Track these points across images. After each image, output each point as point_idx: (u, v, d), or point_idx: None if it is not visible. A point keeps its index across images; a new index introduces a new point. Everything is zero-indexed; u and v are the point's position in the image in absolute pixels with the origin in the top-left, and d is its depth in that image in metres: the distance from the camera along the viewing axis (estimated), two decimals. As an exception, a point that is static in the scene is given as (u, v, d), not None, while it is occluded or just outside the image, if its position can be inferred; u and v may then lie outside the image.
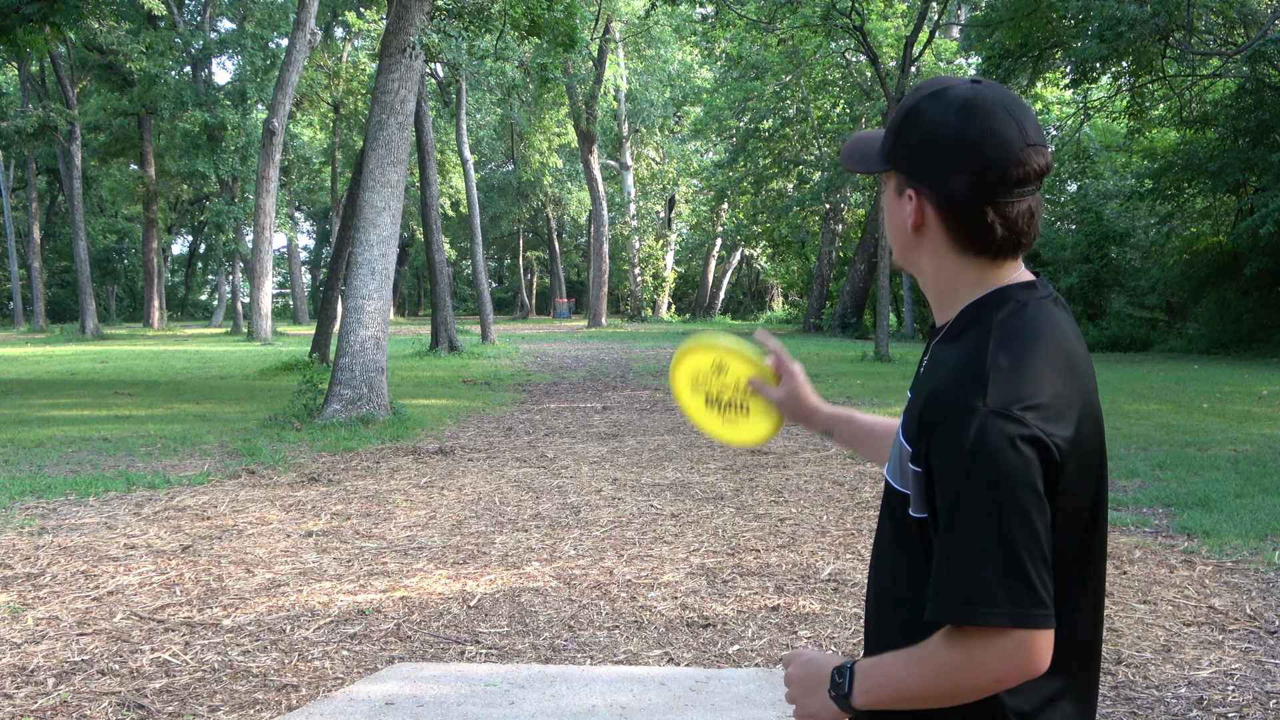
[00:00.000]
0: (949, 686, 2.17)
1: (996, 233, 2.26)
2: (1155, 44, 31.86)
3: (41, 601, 8.21)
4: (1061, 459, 2.14)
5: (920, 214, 2.33)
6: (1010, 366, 2.17)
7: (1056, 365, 2.22)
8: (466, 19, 22.57)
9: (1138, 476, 13.10)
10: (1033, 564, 2.07)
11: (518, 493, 12.55)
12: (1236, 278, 36.81)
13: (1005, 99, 2.27)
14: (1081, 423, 2.21)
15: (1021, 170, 2.22)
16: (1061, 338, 2.27)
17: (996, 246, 2.29)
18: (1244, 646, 7.11)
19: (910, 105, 2.35)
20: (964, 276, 2.34)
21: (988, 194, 2.23)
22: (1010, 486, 2.07)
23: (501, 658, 7.07)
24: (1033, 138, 2.24)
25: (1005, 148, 2.21)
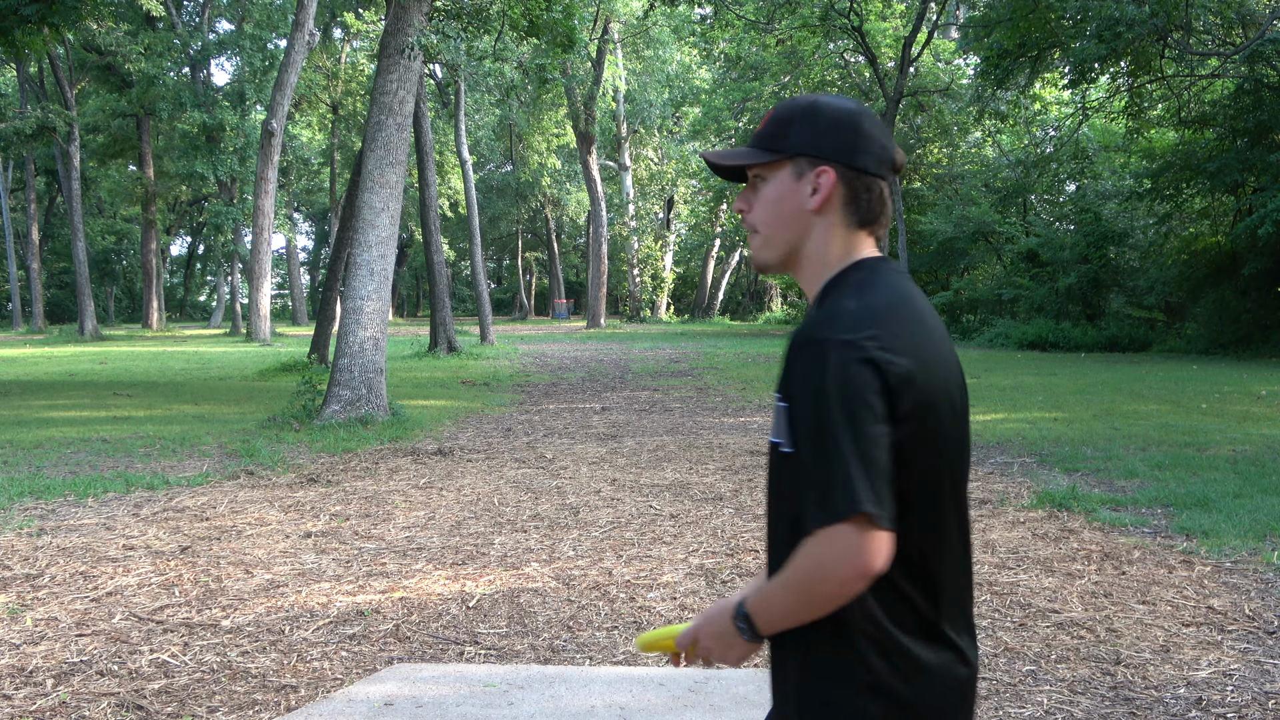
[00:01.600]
0: (807, 595, 2.45)
1: (876, 206, 2.72)
2: (1153, 44, 31.91)
3: (40, 602, 8.20)
4: (898, 385, 2.46)
5: (830, 186, 2.69)
6: (857, 308, 2.54)
7: (902, 315, 2.57)
8: (465, 20, 22.57)
9: (1136, 477, 13.09)
10: (867, 469, 2.37)
11: (517, 493, 12.54)
12: (1235, 278, 36.78)
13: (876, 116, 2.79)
14: (924, 368, 2.53)
15: (899, 158, 2.75)
16: (910, 298, 2.65)
17: (868, 218, 2.72)
18: (1243, 647, 7.10)
19: (808, 102, 2.79)
20: (838, 248, 2.73)
21: (883, 171, 2.71)
22: (848, 400, 2.40)
23: (500, 658, 7.06)
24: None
25: (889, 140, 2.73)
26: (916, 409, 2.49)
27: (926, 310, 2.67)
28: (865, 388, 2.42)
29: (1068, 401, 21.33)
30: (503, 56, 30.45)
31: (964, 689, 2.65)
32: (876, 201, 2.71)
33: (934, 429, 2.55)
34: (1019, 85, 37.77)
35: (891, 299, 2.59)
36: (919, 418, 2.50)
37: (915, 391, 2.49)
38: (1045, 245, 44.73)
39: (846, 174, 2.68)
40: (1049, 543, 9.87)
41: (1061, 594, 8.25)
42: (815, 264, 2.75)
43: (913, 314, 2.60)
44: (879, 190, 2.71)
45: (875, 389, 2.42)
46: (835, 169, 2.68)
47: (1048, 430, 17.30)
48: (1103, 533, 10.28)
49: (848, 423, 2.39)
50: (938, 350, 2.61)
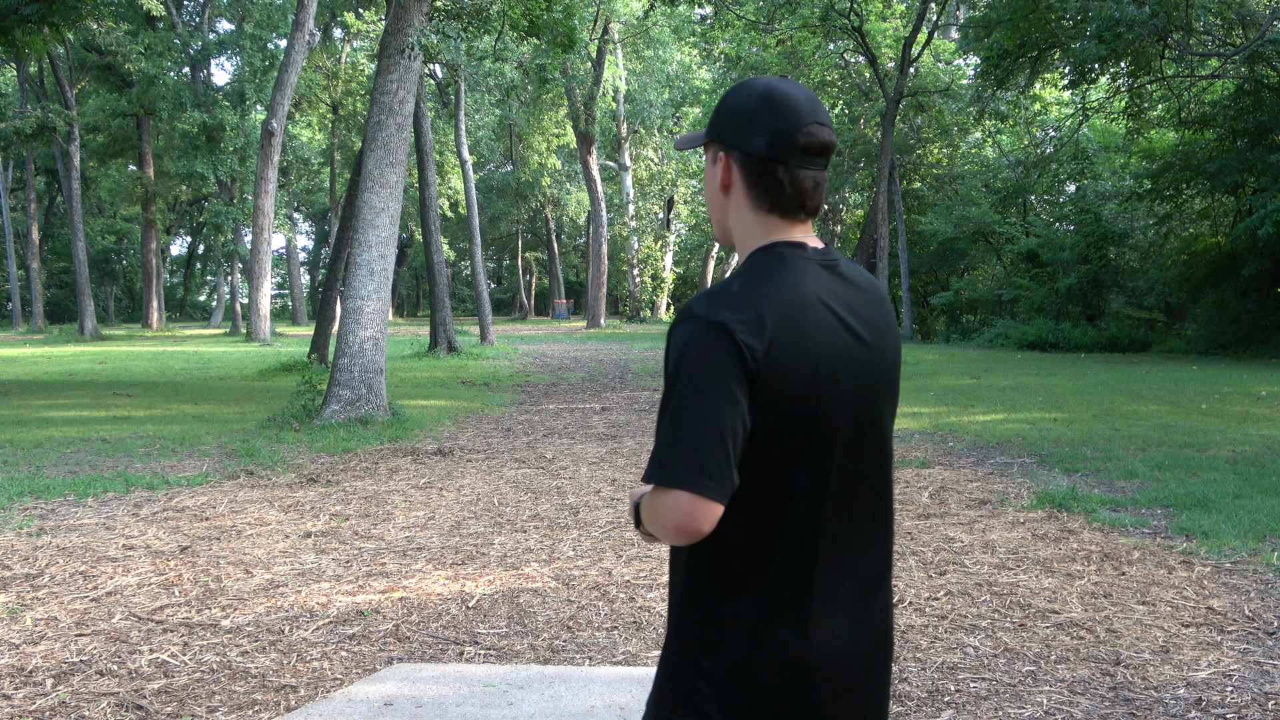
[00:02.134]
0: (654, 525, 2.62)
1: (785, 190, 2.74)
2: (1154, 45, 31.90)
3: (40, 602, 8.20)
4: (760, 371, 2.54)
5: (727, 173, 2.81)
6: (739, 290, 2.63)
7: (780, 301, 2.62)
8: (465, 20, 22.55)
9: (1136, 477, 13.08)
10: (708, 441, 2.49)
11: (516, 493, 12.56)
12: (1235, 278, 36.74)
13: (798, 89, 2.80)
14: (796, 357, 2.59)
15: (806, 139, 2.72)
16: (799, 286, 2.68)
17: (784, 204, 2.76)
18: (1243, 647, 7.10)
19: (731, 89, 2.88)
20: (755, 231, 2.80)
21: (780, 154, 2.72)
22: (699, 374, 2.52)
23: (500, 658, 7.06)
24: (820, 118, 2.75)
25: (795, 120, 2.72)
26: (779, 398, 2.58)
27: (814, 296, 2.69)
28: (722, 368, 2.52)
29: (1067, 402, 21.32)
30: (503, 56, 30.47)
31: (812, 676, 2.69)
32: (779, 187, 2.75)
33: (804, 418, 2.62)
34: (1019, 85, 37.77)
35: (782, 287, 2.66)
36: (784, 405, 2.59)
37: (780, 380, 2.57)
38: (1045, 246, 44.72)
39: (743, 159, 2.78)
40: (1049, 543, 9.86)
41: (1061, 594, 8.24)
42: (740, 243, 2.85)
43: (794, 300, 2.64)
44: (781, 176, 2.74)
45: (734, 371, 2.52)
46: (732, 155, 2.80)
47: (1047, 431, 17.29)
48: (1102, 533, 10.27)
49: (695, 396, 2.52)
50: (820, 341, 2.65)
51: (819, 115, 2.74)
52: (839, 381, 2.67)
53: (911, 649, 7.13)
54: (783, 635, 2.66)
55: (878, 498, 2.84)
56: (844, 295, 2.75)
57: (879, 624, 2.85)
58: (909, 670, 6.74)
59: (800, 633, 2.67)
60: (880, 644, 2.86)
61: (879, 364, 2.79)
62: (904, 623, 7.64)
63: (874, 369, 2.77)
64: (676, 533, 2.53)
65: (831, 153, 2.79)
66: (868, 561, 2.83)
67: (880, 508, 2.86)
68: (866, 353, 2.75)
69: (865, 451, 2.78)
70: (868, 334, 2.76)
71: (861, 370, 2.73)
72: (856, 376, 2.72)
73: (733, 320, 2.55)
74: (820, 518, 2.69)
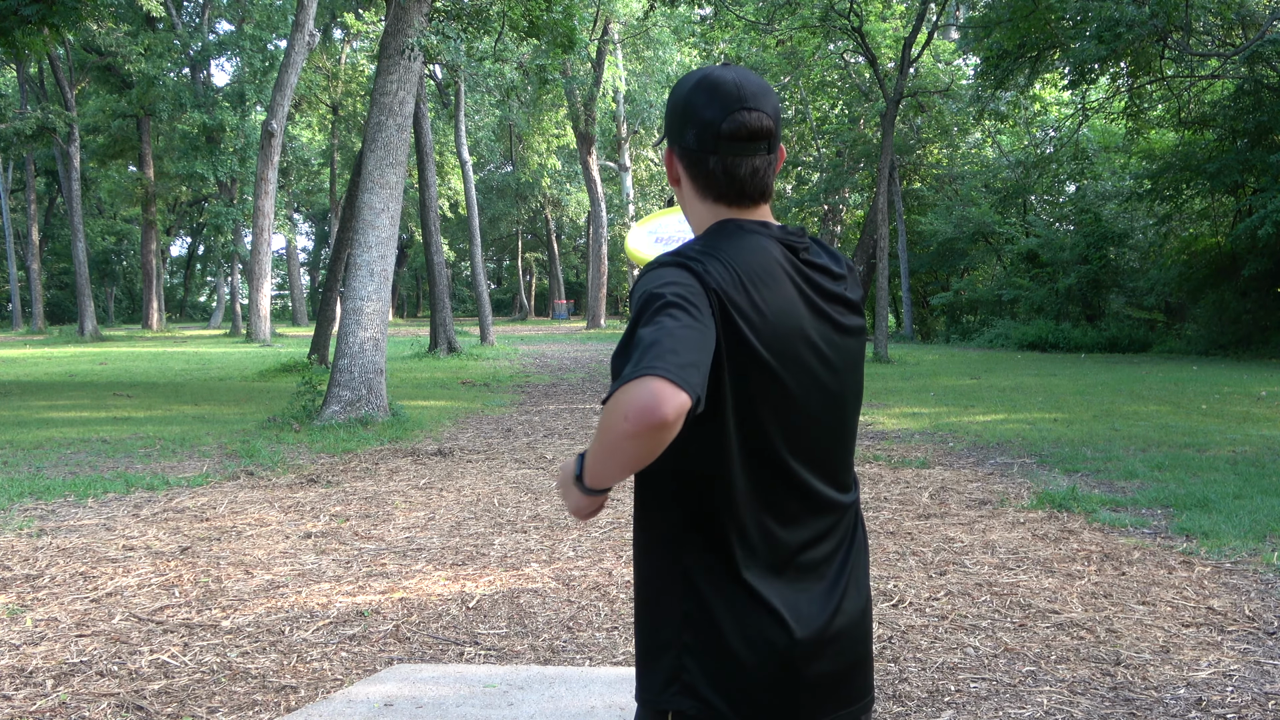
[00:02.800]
0: (609, 438, 2.42)
1: (719, 180, 2.75)
2: (1153, 45, 31.87)
3: (40, 603, 8.20)
4: (722, 303, 2.54)
5: (672, 167, 2.87)
6: (698, 247, 2.67)
7: (743, 256, 2.65)
8: (465, 20, 22.56)
9: (1136, 477, 13.09)
10: (671, 344, 2.37)
11: (517, 494, 12.55)
12: (1235, 279, 36.74)
13: (738, 75, 2.76)
14: (756, 302, 2.60)
15: (733, 125, 2.70)
16: (763, 248, 2.70)
17: (725, 193, 2.77)
18: (1243, 647, 7.09)
19: (674, 87, 2.88)
20: (705, 219, 2.82)
21: (708, 145, 2.73)
22: (665, 297, 2.47)
23: (500, 659, 7.05)
24: (749, 104, 2.72)
25: (722, 109, 2.71)
26: (742, 345, 2.57)
27: (787, 268, 2.72)
28: (688, 288, 2.51)
29: (1068, 402, 21.33)
30: (503, 57, 30.51)
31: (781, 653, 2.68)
32: (713, 177, 2.76)
33: (765, 373, 2.63)
34: (1019, 86, 37.71)
35: (743, 247, 2.69)
36: (746, 356, 2.58)
37: (746, 325, 2.57)
38: (1045, 246, 44.77)
39: (682, 153, 2.81)
40: (1049, 543, 9.86)
41: (1061, 594, 8.23)
42: (695, 232, 2.86)
43: (764, 263, 2.67)
44: (713, 166, 2.75)
45: (701, 300, 2.51)
46: (674, 149, 2.85)
47: (1048, 431, 17.30)
48: (1103, 533, 10.26)
49: (665, 310, 2.45)
50: (783, 300, 2.67)
51: (748, 101, 2.72)
52: (801, 346, 2.69)
53: (912, 649, 7.11)
54: (765, 601, 2.67)
55: (842, 468, 2.85)
56: (806, 269, 2.76)
57: (859, 589, 2.87)
58: (909, 670, 6.73)
59: (781, 598, 2.69)
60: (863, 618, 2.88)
61: (841, 340, 2.80)
62: (904, 623, 7.63)
63: (835, 343, 2.78)
64: (638, 419, 2.31)
65: (767, 136, 2.75)
66: (837, 529, 2.84)
67: (845, 478, 2.87)
68: (826, 327, 2.76)
69: (829, 422, 2.80)
70: (829, 308, 2.77)
71: (824, 342, 2.75)
72: (818, 345, 2.73)
73: (697, 262, 2.59)
74: (791, 483, 2.72)
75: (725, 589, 2.67)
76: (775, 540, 2.71)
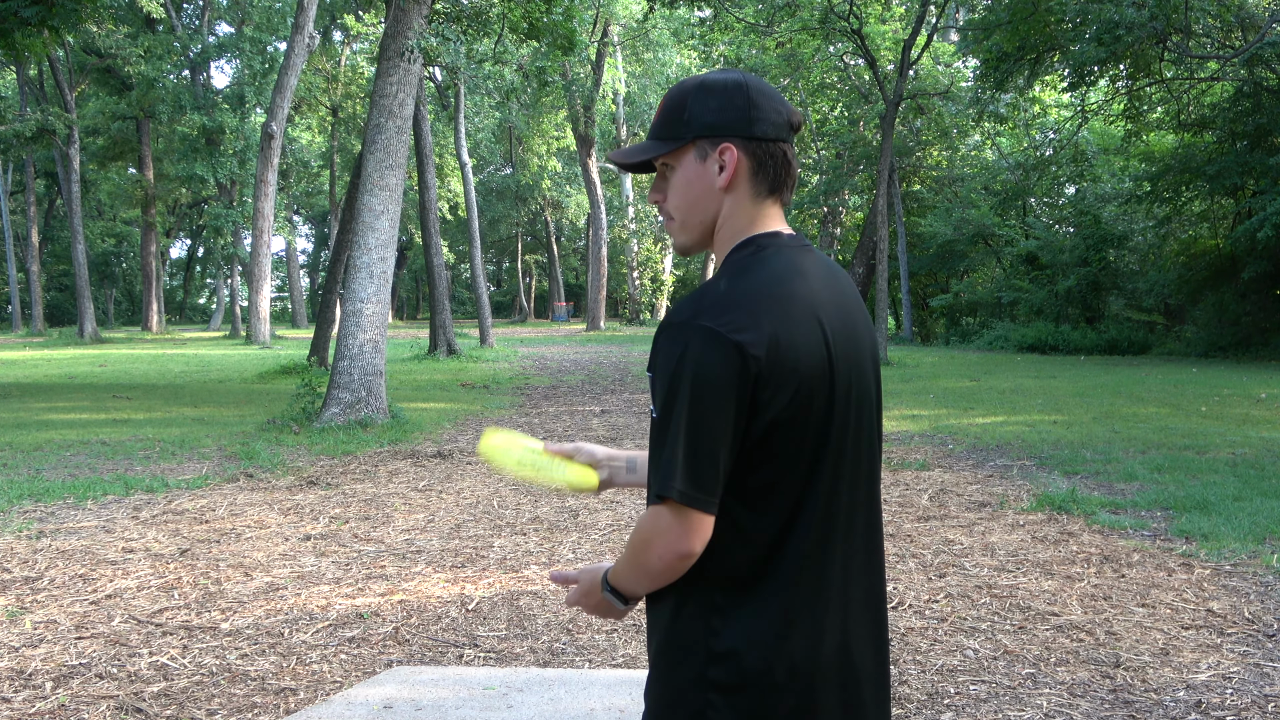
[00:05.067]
0: (641, 566, 2.66)
1: (782, 170, 2.78)
2: (1153, 47, 31.84)
3: (39, 605, 8.21)
4: (758, 369, 2.52)
5: (735, 161, 2.74)
6: (726, 290, 2.62)
7: (769, 293, 2.61)
8: (465, 23, 22.56)
9: (1136, 479, 13.10)
10: (695, 453, 2.50)
11: (516, 496, 12.54)
12: (1234, 281, 36.75)
13: (762, 79, 2.82)
14: (790, 351, 2.56)
15: (796, 118, 2.79)
16: (785, 274, 2.67)
17: (776, 184, 2.78)
18: (1242, 649, 7.10)
19: (695, 84, 2.82)
20: (747, 220, 2.78)
21: (782, 134, 2.76)
22: (695, 386, 2.50)
23: (500, 661, 7.07)
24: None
25: (782, 101, 2.77)
26: (781, 391, 2.56)
27: (801, 283, 2.70)
28: (716, 375, 2.51)
29: (1067, 404, 21.33)
30: (502, 59, 30.48)
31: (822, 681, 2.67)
32: (780, 166, 2.78)
33: (803, 410, 2.60)
34: (1018, 88, 37.70)
35: (762, 278, 2.66)
36: (786, 399, 2.57)
37: (781, 374, 2.56)
38: (1045, 248, 44.75)
39: (748, 145, 2.75)
40: (1048, 545, 9.87)
41: (1061, 597, 8.24)
42: (726, 236, 2.80)
43: (780, 289, 2.65)
44: (781, 154, 2.77)
45: (729, 377, 2.51)
46: (736, 143, 2.74)
47: (1047, 433, 17.31)
48: (1102, 535, 10.28)
49: (689, 408, 2.51)
50: (812, 330, 2.63)
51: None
52: (832, 372, 2.67)
53: (911, 651, 7.13)
54: (795, 641, 2.64)
55: (872, 493, 2.84)
56: (821, 277, 2.76)
57: (879, 624, 2.84)
58: (909, 673, 6.74)
59: (812, 637, 2.66)
60: (881, 644, 2.84)
61: (863, 346, 2.80)
62: (903, 625, 7.64)
63: (860, 351, 2.78)
64: (673, 555, 2.57)
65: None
66: (868, 560, 2.82)
67: (874, 503, 2.86)
68: (850, 335, 2.75)
69: (862, 444, 2.78)
70: (847, 315, 2.77)
71: (851, 355, 2.74)
72: (846, 362, 2.71)
73: (722, 323, 2.54)
74: (827, 516, 2.68)
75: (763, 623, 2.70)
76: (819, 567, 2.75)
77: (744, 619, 2.64)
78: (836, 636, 2.70)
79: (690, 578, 2.67)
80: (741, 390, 2.52)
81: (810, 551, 2.66)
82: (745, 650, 2.62)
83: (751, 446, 2.58)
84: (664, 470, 2.53)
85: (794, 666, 2.63)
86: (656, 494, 2.55)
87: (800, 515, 2.65)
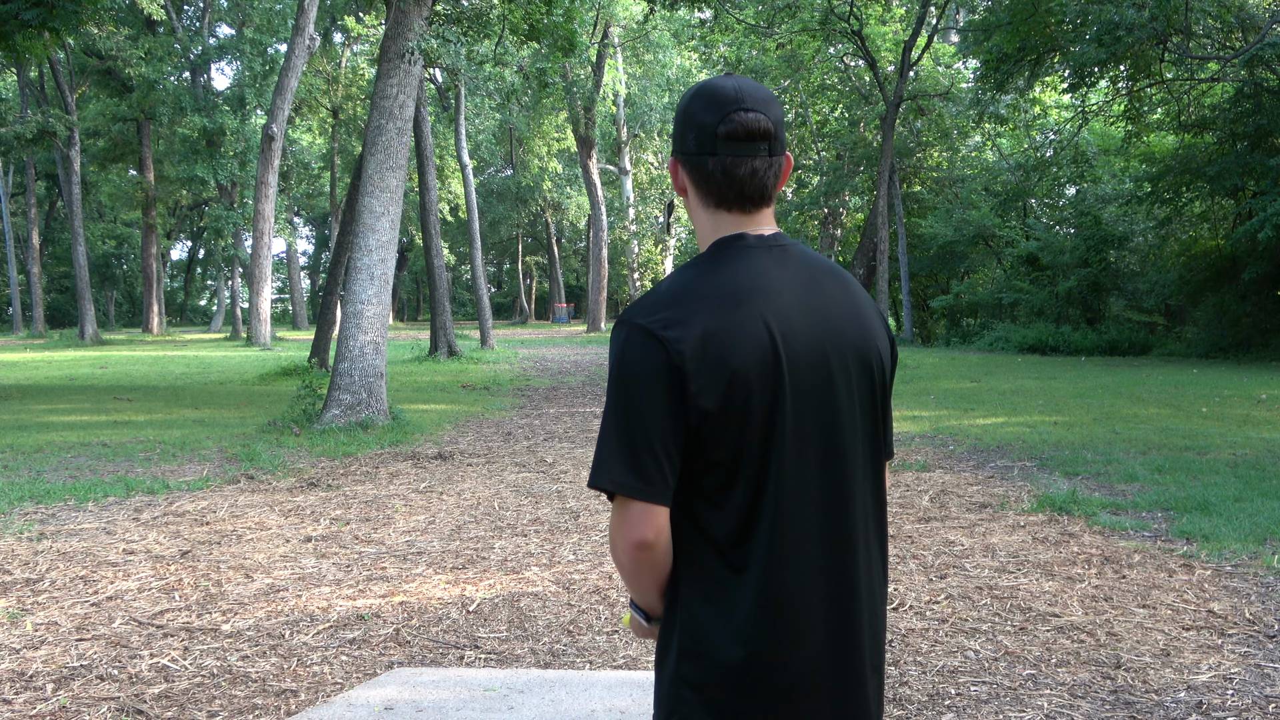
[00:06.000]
0: (616, 565, 2.77)
1: (719, 181, 2.78)
2: (1153, 48, 31.82)
3: (40, 607, 8.21)
4: (682, 361, 2.59)
5: (678, 177, 2.90)
6: (668, 289, 2.74)
7: (708, 291, 2.69)
8: (465, 24, 22.55)
9: (1136, 480, 13.07)
10: (629, 444, 2.60)
11: (517, 498, 12.54)
12: (1235, 281, 36.68)
13: (737, 82, 2.81)
14: (723, 338, 2.62)
15: (729, 126, 2.73)
16: (733, 274, 2.73)
17: (724, 196, 2.79)
18: (1243, 650, 7.09)
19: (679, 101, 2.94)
20: (707, 229, 2.86)
21: (707, 146, 2.75)
22: (628, 379, 2.63)
23: (501, 663, 7.06)
24: (747, 106, 2.75)
25: (717, 111, 2.74)
26: (711, 385, 2.60)
27: (753, 281, 2.73)
28: (645, 369, 2.61)
29: (1068, 405, 21.29)
30: (503, 61, 30.47)
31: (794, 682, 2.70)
32: (714, 178, 2.78)
33: (741, 405, 2.63)
34: (1018, 89, 37.70)
35: (707, 279, 2.73)
36: (719, 394, 2.61)
37: (706, 369, 2.60)
38: (1045, 249, 44.66)
39: (685, 160, 2.83)
40: (1049, 546, 9.84)
41: (1062, 598, 8.23)
42: (700, 241, 2.89)
43: (726, 289, 2.70)
44: (710, 166, 2.77)
45: (657, 370, 2.60)
46: (677, 158, 2.87)
47: (1048, 434, 17.27)
48: (1103, 536, 10.25)
49: (622, 401, 2.64)
50: (752, 330, 2.66)
51: (746, 103, 2.75)
52: (781, 368, 2.67)
53: (912, 652, 7.12)
54: (760, 640, 2.66)
55: (845, 494, 2.79)
56: (788, 278, 2.78)
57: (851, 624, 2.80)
58: (909, 674, 6.74)
59: (777, 636, 2.68)
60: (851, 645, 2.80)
61: (842, 344, 2.79)
62: (904, 626, 7.63)
63: (823, 356, 2.75)
64: (628, 546, 2.67)
65: (766, 138, 2.77)
66: (844, 560, 2.80)
67: (847, 506, 2.80)
68: (812, 339, 2.74)
69: (836, 441, 2.77)
70: (812, 319, 2.76)
71: (818, 354, 2.74)
72: (806, 361, 2.72)
73: (655, 320, 2.64)
74: (786, 516, 2.69)
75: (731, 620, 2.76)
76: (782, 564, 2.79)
77: (712, 617, 2.69)
78: (805, 635, 2.70)
79: (671, 577, 2.77)
80: (671, 383, 2.59)
81: (772, 550, 2.67)
82: (711, 648, 2.68)
83: (698, 442, 2.64)
84: (597, 463, 2.65)
85: (758, 664, 2.66)
86: (589, 485, 2.67)
87: (759, 514, 2.67)
